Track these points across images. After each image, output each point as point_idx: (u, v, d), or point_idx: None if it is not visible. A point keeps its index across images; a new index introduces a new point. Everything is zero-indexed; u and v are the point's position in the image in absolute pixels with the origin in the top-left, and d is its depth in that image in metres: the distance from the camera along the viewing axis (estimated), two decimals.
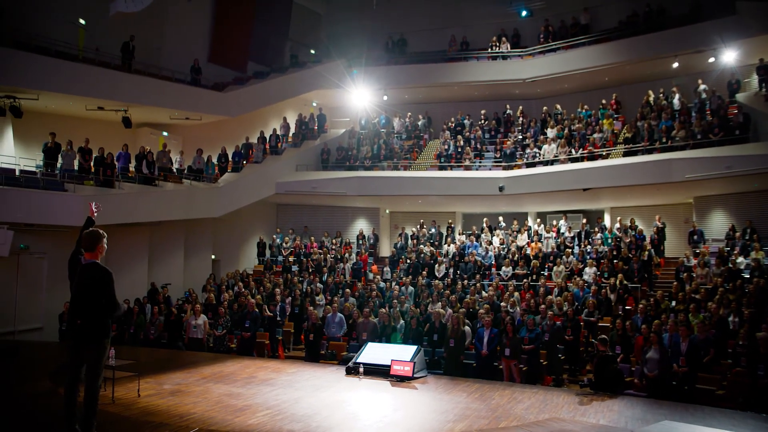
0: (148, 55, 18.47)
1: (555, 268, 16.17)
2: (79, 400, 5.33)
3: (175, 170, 17.93)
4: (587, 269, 15.58)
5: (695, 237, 16.57)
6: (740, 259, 14.53)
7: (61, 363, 8.02)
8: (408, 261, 17.93)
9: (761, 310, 11.23)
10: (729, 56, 17.50)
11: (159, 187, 16.59)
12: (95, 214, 6.10)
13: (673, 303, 12.94)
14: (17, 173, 14.25)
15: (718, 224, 17.36)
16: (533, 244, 17.64)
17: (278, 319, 14.40)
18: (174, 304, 14.98)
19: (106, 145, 15.71)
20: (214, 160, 19.30)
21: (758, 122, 15.94)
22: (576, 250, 17.22)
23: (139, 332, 13.62)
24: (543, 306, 12.54)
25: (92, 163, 15.33)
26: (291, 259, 19.48)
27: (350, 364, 9.87)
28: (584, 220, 18.67)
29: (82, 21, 16.92)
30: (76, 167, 15.14)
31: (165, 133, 19.75)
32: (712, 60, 18.35)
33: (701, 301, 12.40)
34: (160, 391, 7.97)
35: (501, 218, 19.91)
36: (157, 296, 15.23)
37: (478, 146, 20.74)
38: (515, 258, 17.00)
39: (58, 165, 14.98)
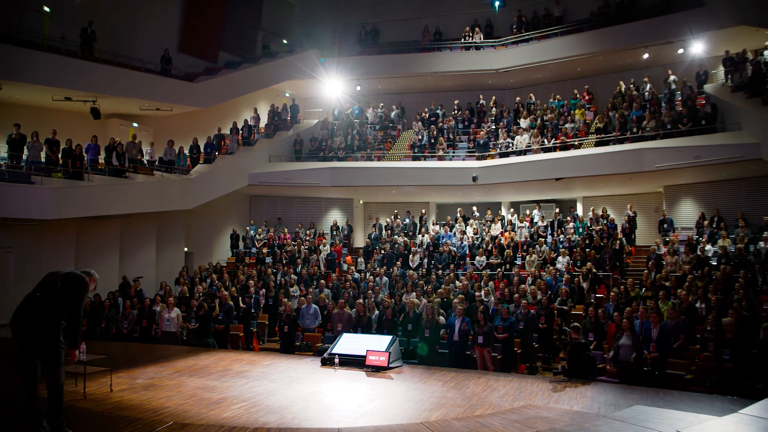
0: (117, 44, 18.09)
1: (528, 257, 16.33)
2: (44, 396, 5.13)
3: (146, 162, 17.65)
4: (560, 258, 15.75)
5: (665, 225, 16.87)
6: (708, 247, 14.83)
7: None
8: (382, 251, 17.93)
9: (728, 297, 11.49)
10: (697, 48, 17.80)
11: (129, 179, 16.32)
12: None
13: (644, 290, 13.17)
14: None
15: (687, 213, 17.70)
16: (507, 234, 17.78)
17: (252, 311, 14.30)
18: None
19: (74, 137, 15.37)
20: (186, 152, 19.03)
21: (725, 113, 16.25)
22: (549, 239, 17.40)
23: (111, 326, 13.41)
24: (517, 295, 12.66)
25: (60, 155, 15.00)
26: (265, 250, 19.35)
27: (325, 355, 9.87)
28: (557, 210, 18.87)
29: (46, 9, 16.49)
30: (43, 159, 14.78)
31: (135, 124, 19.40)
32: (681, 51, 18.66)
33: (671, 288, 12.63)
34: (134, 386, 7.86)
35: (475, 208, 20.04)
36: (129, 290, 15.02)
37: (452, 136, 20.79)
38: (489, 247, 17.12)
39: (24, 157, 14.60)
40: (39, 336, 5.05)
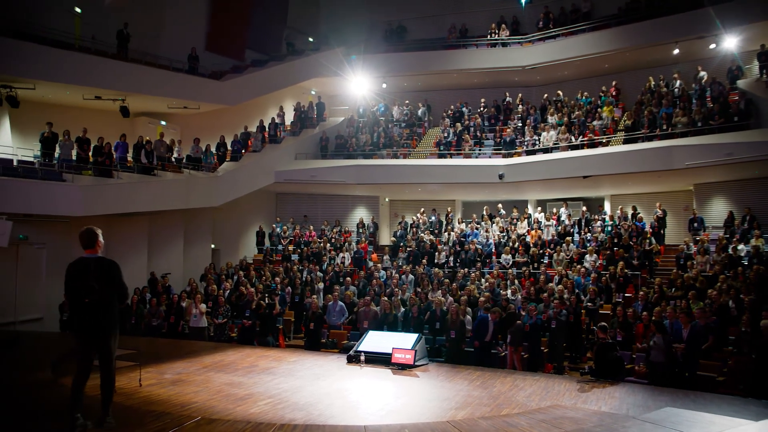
0: (145, 43, 18.30)
1: (555, 255, 16.15)
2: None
3: (173, 159, 17.85)
4: (587, 257, 15.56)
5: (695, 224, 16.54)
6: (740, 247, 14.51)
7: (63, 353, 8.01)
8: (408, 249, 17.90)
9: (761, 297, 11.22)
10: (730, 42, 17.38)
11: (158, 176, 16.52)
12: None
13: (673, 290, 12.93)
14: (15, 163, 14.14)
15: (718, 211, 17.31)
16: (533, 232, 17.62)
17: (279, 307, 14.38)
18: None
19: (104, 135, 15.58)
20: (213, 149, 19.20)
21: (759, 109, 15.85)
22: (576, 237, 17.19)
23: (140, 322, 13.61)
24: (545, 294, 12.52)
25: (90, 153, 15.25)
26: (291, 247, 19.44)
27: (351, 352, 9.87)
28: (584, 208, 18.64)
29: (78, 9, 16.78)
30: (74, 157, 15.05)
31: (163, 123, 19.64)
32: (713, 46, 18.26)
33: (702, 288, 12.38)
34: (162, 381, 7.96)
35: (501, 206, 19.88)
36: (157, 286, 15.22)
37: (478, 134, 20.65)
38: (515, 246, 16.98)
39: (56, 155, 14.88)
40: (100, 338, 5.53)
